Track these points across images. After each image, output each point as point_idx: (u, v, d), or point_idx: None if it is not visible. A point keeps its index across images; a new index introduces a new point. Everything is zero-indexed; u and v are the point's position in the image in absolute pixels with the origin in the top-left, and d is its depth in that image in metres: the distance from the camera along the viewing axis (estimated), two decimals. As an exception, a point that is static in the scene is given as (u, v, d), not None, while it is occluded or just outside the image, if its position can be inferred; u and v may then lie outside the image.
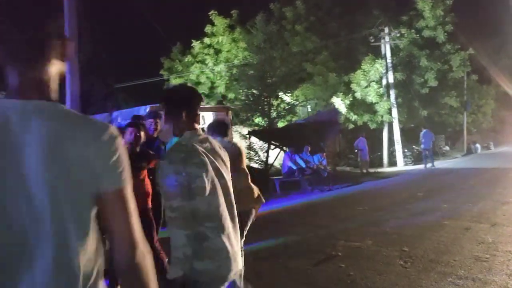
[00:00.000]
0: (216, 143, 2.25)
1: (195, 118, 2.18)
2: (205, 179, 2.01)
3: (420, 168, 18.15)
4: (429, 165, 17.95)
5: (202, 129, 3.82)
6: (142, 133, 4.11)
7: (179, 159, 1.98)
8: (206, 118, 12.64)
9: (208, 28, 21.94)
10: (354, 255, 5.24)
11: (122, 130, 3.97)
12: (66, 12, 7.34)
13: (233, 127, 14.06)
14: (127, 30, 23.58)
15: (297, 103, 22.37)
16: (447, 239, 5.74)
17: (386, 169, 19.39)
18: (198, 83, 22.06)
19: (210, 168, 2.06)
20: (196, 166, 2.00)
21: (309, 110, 25.79)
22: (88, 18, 10.70)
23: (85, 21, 10.13)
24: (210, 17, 21.96)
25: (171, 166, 1.97)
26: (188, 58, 22.70)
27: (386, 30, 20.85)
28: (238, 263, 2.12)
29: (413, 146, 21.63)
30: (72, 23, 7.42)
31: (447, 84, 21.20)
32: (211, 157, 2.11)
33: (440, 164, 19.03)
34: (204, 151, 2.08)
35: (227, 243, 2.05)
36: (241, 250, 2.80)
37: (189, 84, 2.90)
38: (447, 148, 26.80)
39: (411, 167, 19.45)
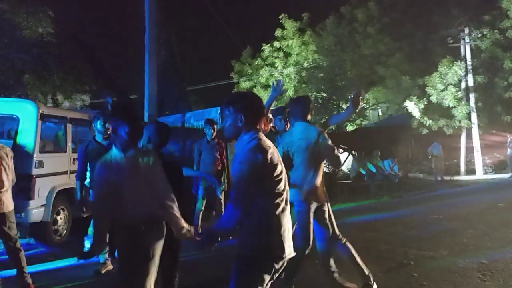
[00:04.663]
0: None
1: None
2: None
3: (502, 177, 16.90)
4: (508, 175, 16.66)
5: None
6: None
7: None
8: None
9: (278, 32, 22.11)
10: (427, 264, 5.02)
11: None
12: (147, 19, 7.79)
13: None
14: (200, 34, 24.46)
15: (368, 106, 21.84)
16: (531, 253, 5.32)
17: (463, 177, 18.31)
18: (267, 86, 22.29)
19: None
20: None
21: (380, 114, 25.07)
22: (164, 22, 11.27)
23: (162, 25, 10.68)
24: (281, 21, 22.11)
25: None
26: (258, 61, 23.01)
27: (467, 30, 19.68)
28: None
29: (495, 153, 20.19)
30: (152, 30, 7.86)
31: (534, 88, 19.55)
32: None
33: (523, 174, 17.59)
34: None
35: None
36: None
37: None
38: (533, 157, 24.69)
39: (491, 176, 18.18)
